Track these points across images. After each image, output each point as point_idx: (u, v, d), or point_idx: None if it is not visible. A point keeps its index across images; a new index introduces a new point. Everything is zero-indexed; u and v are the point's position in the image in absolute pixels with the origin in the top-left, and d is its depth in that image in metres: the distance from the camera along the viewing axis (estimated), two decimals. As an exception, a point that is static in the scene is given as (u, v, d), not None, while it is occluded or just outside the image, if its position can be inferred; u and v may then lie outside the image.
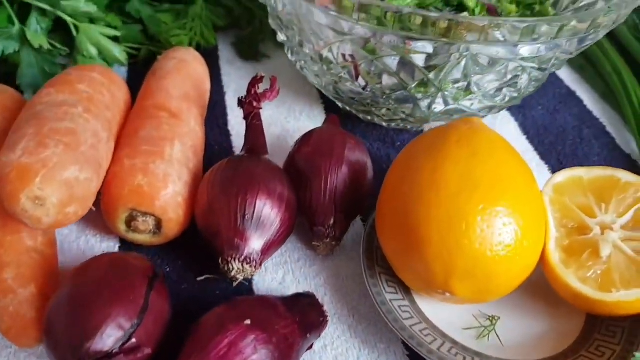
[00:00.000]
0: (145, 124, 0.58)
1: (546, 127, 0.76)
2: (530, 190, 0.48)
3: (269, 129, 0.71)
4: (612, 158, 0.72)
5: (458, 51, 0.55)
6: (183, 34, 0.75)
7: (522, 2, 0.71)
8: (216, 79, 0.77)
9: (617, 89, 0.79)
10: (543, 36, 0.54)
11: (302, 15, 0.59)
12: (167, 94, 0.62)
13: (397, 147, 0.71)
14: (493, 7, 0.67)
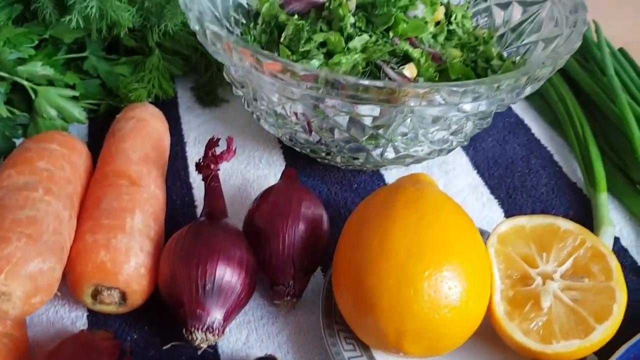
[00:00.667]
0: (105, 193, 0.60)
1: (496, 160, 0.79)
2: (475, 249, 0.51)
3: (230, 181, 0.73)
4: (559, 188, 0.76)
5: (402, 112, 0.57)
6: (141, 87, 0.77)
7: (465, 45, 0.74)
8: (176, 129, 0.79)
9: (563, 118, 0.82)
10: (482, 95, 0.57)
11: (253, 80, 0.61)
12: (127, 159, 0.64)
13: (355, 190, 0.73)
14: (437, 54, 0.70)
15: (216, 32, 0.59)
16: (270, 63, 0.56)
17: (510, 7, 0.80)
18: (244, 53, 0.58)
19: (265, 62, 0.56)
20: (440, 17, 0.75)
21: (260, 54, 0.57)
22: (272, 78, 0.57)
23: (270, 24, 0.73)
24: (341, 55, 0.67)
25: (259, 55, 0.57)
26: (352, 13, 0.71)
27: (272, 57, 0.56)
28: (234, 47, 0.58)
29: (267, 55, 0.56)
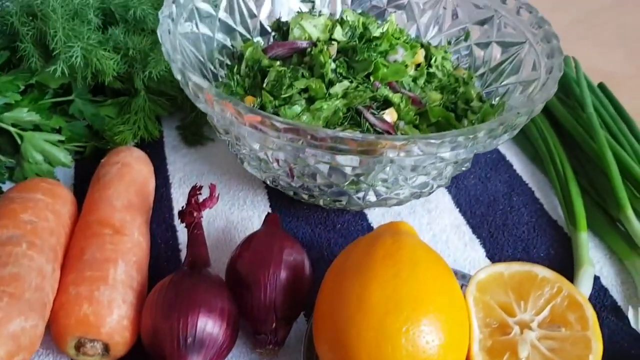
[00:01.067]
0: (89, 244, 0.60)
1: (478, 198, 0.80)
2: (453, 301, 0.52)
3: (214, 223, 0.74)
4: (540, 226, 0.77)
5: (381, 162, 0.58)
6: (126, 129, 0.77)
7: (445, 87, 0.75)
8: (161, 170, 0.80)
9: (544, 155, 0.83)
10: (460, 144, 0.58)
11: (235, 129, 0.62)
12: (111, 207, 0.64)
13: (338, 230, 0.74)
14: (417, 98, 0.71)
15: (198, 84, 0.60)
16: (251, 116, 0.57)
17: (490, 47, 0.81)
18: (225, 105, 0.58)
19: (246, 115, 0.57)
20: (420, 59, 0.77)
21: (241, 106, 0.58)
22: (253, 129, 0.58)
23: (254, 68, 0.74)
24: (323, 101, 0.68)
25: (239, 107, 0.58)
26: (333, 58, 0.72)
27: (253, 110, 0.57)
28: (216, 99, 0.59)
29: (248, 108, 0.57)
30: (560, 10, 1.23)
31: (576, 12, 1.23)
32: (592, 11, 1.23)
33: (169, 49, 0.64)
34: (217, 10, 0.81)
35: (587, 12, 1.23)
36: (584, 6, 1.24)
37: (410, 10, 0.89)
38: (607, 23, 1.20)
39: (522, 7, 0.78)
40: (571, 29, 1.17)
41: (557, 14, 1.20)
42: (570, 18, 1.21)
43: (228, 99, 0.58)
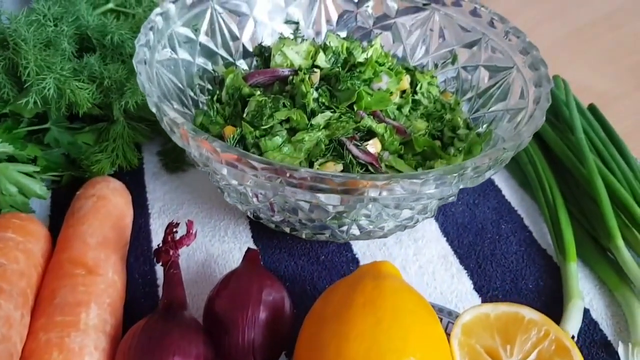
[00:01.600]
0: (60, 286, 0.58)
1: (465, 225, 0.78)
2: (437, 348, 0.50)
3: (193, 256, 0.72)
4: (529, 255, 0.75)
5: (362, 202, 0.56)
6: (104, 158, 0.75)
7: (432, 114, 0.74)
8: (140, 199, 0.78)
9: (533, 181, 0.82)
10: (444, 182, 0.56)
11: (212, 164, 0.60)
12: (84, 244, 0.62)
13: (322, 262, 0.72)
14: (402, 128, 0.69)
15: (173, 119, 0.58)
16: (228, 154, 0.55)
17: (477, 71, 0.79)
18: (201, 142, 0.56)
19: (223, 153, 0.55)
20: (405, 86, 0.75)
21: (217, 144, 0.56)
22: (230, 167, 0.56)
23: (234, 96, 0.72)
24: (304, 132, 0.66)
25: (216, 145, 0.56)
26: (315, 86, 0.70)
27: (230, 148, 0.55)
28: (192, 135, 0.57)
29: (224, 146, 0.55)
30: (547, 25, 1.21)
31: (563, 28, 1.21)
32: (580, 27, 1.22)
33: (144, 80, 0.62)
34: (197, 34, 0.79)
35: (575, 28, 1.21)
36: (571, 22, 1.23)
37: (396, 32, 0.87)
38: (595, 39, 1.18)
39: (510, 31, 0.76)
40: (559, 46, 1.16)
41: (544, 29, 1.19)
42: (558, 34, 1.19)
43: (204, 135, 0.56)
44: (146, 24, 0.70)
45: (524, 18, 1.21)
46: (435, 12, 0.84)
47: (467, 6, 0.81)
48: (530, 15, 1.23)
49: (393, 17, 0.86)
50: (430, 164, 0.69)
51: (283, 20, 0.87)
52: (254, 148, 0.67)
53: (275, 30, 0.87)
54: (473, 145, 0.69)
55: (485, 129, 0.74)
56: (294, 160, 0.65)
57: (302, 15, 0.88)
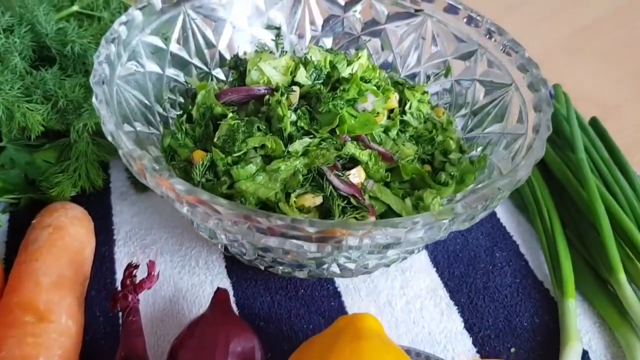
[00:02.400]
0: (7, 335, 0.53)
1: (457, 254, 0.73)
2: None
3: (160, 291, 0.66)
4: (524, 288, 0.70)
5: (341, 250, 0.50)
6: (66, 179, 0.69)
7: (421, 136, 0.68)
8: (105, 223, 0.72)
9: (530, 205, 0.76)
10: (434, 227, 0.50)
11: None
12: (36, 285, 0.57)
13: (301, 297, 0.67)
14: (388, 154, 0.63)
15: (130, 153, 0.52)
16: (190, 197, 0.49)
17: (473, 85, 0.73)
18: (160, 181, 0.50)
19: (184, 195, 0.49)
20: (393, 105, 0.69)
21: (177, 183, 0.49)
22: (192, 208, 0.50)
23: (205, 115, 0.66)
24: (280, 161, 0.60)
25: (176, 185, 0.49)
26: (294, 107, 0.64)
27: (192, 190, 0.49)
28: (150, 173, 0.51)
29: (186, 186, 0.49)
30: (545, 25, 1.14)
31: (563, 28, 1.14)
32: (581, 27, 1.15)
33: (100, 105, 0.55)
34: (167, 43, 0.72)
35: (575, 27, 1.14)
36: (571, 21, 1.16)
37: (385, 38, 0.81)
38: (597, 40, 1.12)
39: (508, 45, 0.69)
40: (558, 47, 1.09)
41: (542, 29, 1.12)
42: (557, 34, 1.12)
43: (163, 173, 0.50)
44: (108, 35, 0.63)
45: (521, 16, 1.14)
46: (428, 18, 0.77)
47: (462, 14, 0.74)
48: (527, 14, 1.16)
49: (382, 23, 0.80)
50: (419, 194, 0.63)
51: (263, 25, 0.80)
52: (226, 176, 0.61)
53: (255, 36, 0.80)
54: (466, 174, 0.63)
55: (480, 152, 0.68)
56: (268, 191, 0.59)
57: (284, 20, 0.81)
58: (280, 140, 0.61)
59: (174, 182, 0.50)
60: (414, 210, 0.62)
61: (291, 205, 0.59)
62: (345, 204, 0.60)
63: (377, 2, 0.79)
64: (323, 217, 0.60)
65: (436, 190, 0.63)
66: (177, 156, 0.65)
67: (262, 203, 0.61)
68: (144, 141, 0.63)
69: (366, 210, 0.60)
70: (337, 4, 0.81)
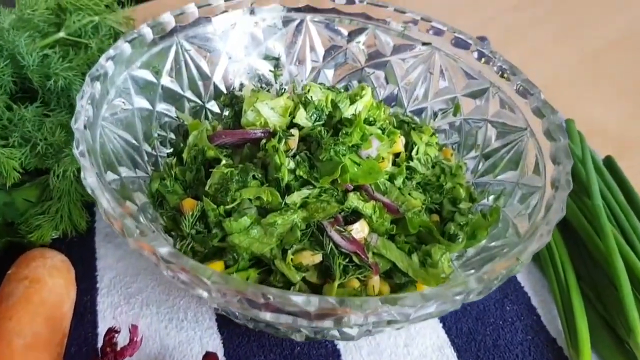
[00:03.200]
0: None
1: (465, 308, 0.68)
2: None
3: (145, 346, 0.61)
4: (536, 346, 0.65)
5: (344, 325, 0.46)
6: (46, 221, 0.64)
7: (429, 184, 0.63)
8: (88, 269, 0.67)
9: (543, 256, 0.71)
10: (447, 302, 0.45)
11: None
12: (8, 347, 0.52)
13: (297, 356, 0.62)
14: (394, 206, 0.58)
15: (110, 212, 0.47)
16: (173, 266, 0.44)
17: (484, 127, 0.68)
18: (142, 246, 0.45)
19: (167, 264, 0.44)
20: (399, 148, 0.64)
21: (160, 248, 0.45)
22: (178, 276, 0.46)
23: (197, 158, 0.61)
24: (277, 214, 0.55)
25: (158, 250, 0.45)
26: (293, 153, 0.59)
27: (175, 255, 0.44)
28: (132, 239, 0.46)
29: (169, 253, 0.44)
30: (556, 49, 1.09)
31: (575, 53, 1.09)
32: (593, 51, 1.10)
33: (83, 161, 0.50)
34: (158, 76, 0.67)
35: (587, 52, 1.09)
36: (583, 45, 1.11)
37: (391, 71, 0.76)
38: (610, 66, 1.07)
39: (522, 85, 0.65)
40: (569, 74, 1.04)
41: (552, 54, 1.07)
42: (568, 60, 1.07)
43: (145, 238, 0.45)
44: (93, 72, 0.59)
45: (526, 40, 1.09)
46: (436, 52, 0.72)
47: (473, 48, 0.70)
48: (536, 38, 1.11)
49: (388, 55, 0.75)
50: (427, 249, 0.58)
51: (261, 56, 0.76)
52: (217, 228, 0.56)
53: (252, 66, 0.76)
54: (478, 229, 0.59)
55: (492, 202, 0.63)
56: (263, 246, 0.55)
57: (283, 50, 0.76)
58: (277, 190, 0.56)
59: (156, 245, 0.45)
60: (421, 269, 0.57)
61: (288, 263, 0.54)
62: (347, 262, 0.55)
63: (382, 33, 0.75)
64: (322, 275, 0.55)
65: (445, 246, 0.58)
66: (165, 202, 0.60)
67: (256, 259, 0.56)
68: (130, 187, 0.58)
69: (369, 269, 0.55)
70: (339, 34, 0.76)
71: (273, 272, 0.55)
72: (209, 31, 0.71)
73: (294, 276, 0.54)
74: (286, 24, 0.75)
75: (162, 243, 0.45)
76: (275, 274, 0.55)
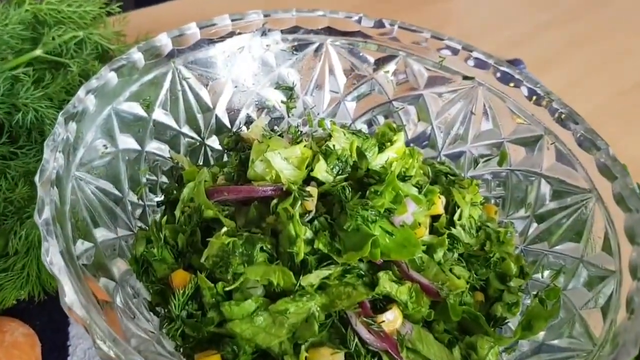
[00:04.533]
0: None
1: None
2: None
3: None
4: None
5: None
6: (9, 282, 0.53)
7: (474, 257, 0.52)
8: (58, 339, 0.56)
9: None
10: None
11: None
12: None
13: None
14: (433, 289, 0.47)
15: (72, 307, 0.36)
16: (155, 395, 0.33)
17: (536, 182, 0.57)
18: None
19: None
20: (439, 211, 0.52)
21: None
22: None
23: (192, 218, 0.50)
24: (290, 301, 0.44)
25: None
26: (310, 217, 0.47)
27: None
28: (101, 349, 0.35)
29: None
30: (587, 86, 0.97)
31: (607, 88, 0.96)
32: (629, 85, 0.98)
33: (47, 234, 0.39)
34: (149, 110, 0.56)
35: (613, 93, 0.96)
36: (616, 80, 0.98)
37: (423, 107, 0.65)
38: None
39: (585, 136, 0.53)
40: (609, 108, 0.92)
41: (589, 85, 0.96)
42: (595, 102, 0.94)
43: (115, 349, 0.34)
44: (68, 108, 0.48)
45: (560, 70, 0.98)
46: (479, 87, 0.61)
47: (524, 86, 0.59)
48: (572, 68, 0.99)
49: (420, 88, 0.64)
50: (471, 342, 0.47)
51: (273, 85, 0.64)
52: (214, 311, 0.45)
53: (263, 97, 0.64)
54: (535, 318, 0.48)
55: (549, 281, 0.52)
56: (271, 338, 0.44)
57: (298, 78, 0.65)
58: (291, 268, 0.45)
59: None
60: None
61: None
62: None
63: (416, 62, 0.64)
64: (344, 377, 0.44)
65: (493, 339, 0.47)
66: (152, 271, 0.49)
67: (262, 352, 0.45)
68: (107, 254, 0.47)
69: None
70: (365, 61, 0.65)
71: (282, 371, 0.44)
72: (211, 55, 0.60)
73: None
74: (302, 48, 0.64)
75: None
76: (284, 374, 0.44)
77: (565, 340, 0.46)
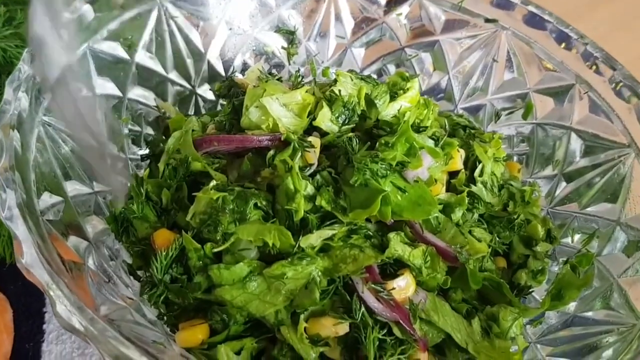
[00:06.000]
0: None
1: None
2: None
3: None
4: None
5: None
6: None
7: (497, 216, 0.46)
8: (33, 306, 0.51)
9: None
10: None
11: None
12: None
13: None
14: (451, 252, 0.42)
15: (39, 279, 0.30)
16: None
17: (566, 137, 0.51)
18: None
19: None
20: (457, 166, 0.46)
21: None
22: None
23: (178, 172, 0.44)
24: (287, 264, 0.38)
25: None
26: (312, 171, 0.42)
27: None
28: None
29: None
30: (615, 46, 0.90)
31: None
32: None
33: (4, 180, 0.34)
34: (132, 52, 0.50)
35: None
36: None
37: (439, 54, 0.59)
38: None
39: (624, 83, 0.47)
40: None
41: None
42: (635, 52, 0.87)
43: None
44: (31, 48, 0.41)
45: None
46: (502, 32, 0.55)
47: (553, 28, 0.52)
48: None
49: (437, 33, 0.58)
50: (492, 312, 0.42)
51: (272, 28, 0.58)
52: (202, 275, 0.40)
53: (260, 41, 0.58)
54: (566, 287, 0.42)
55: (580, 246, 0.46)
56: (266, 306, 0.39)
57: (300, 21, 0.59)
58: (289, 228, 0.39)
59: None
60: (484, 340, 0.40)
61: (300, 333, 0.38)
62: (384, 335, 0.38)
63: (432, 3, 0.57)
64: (348, 351, 0.39)
65: (518, 310, 0.41)
66: (132, 231, 0.43)
67: (255, 322, 0.39)
68: (79, 211, 0.41)
69: (414, 345, 0.38)
70: (375, 3, 0.59)
71: (278, 343, 0.39)
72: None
73: (308, 352, 0.38)
74: (307, -13, 0.57)
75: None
76: (280, 346, 0.39)
77: (601, 312, 0.40)
